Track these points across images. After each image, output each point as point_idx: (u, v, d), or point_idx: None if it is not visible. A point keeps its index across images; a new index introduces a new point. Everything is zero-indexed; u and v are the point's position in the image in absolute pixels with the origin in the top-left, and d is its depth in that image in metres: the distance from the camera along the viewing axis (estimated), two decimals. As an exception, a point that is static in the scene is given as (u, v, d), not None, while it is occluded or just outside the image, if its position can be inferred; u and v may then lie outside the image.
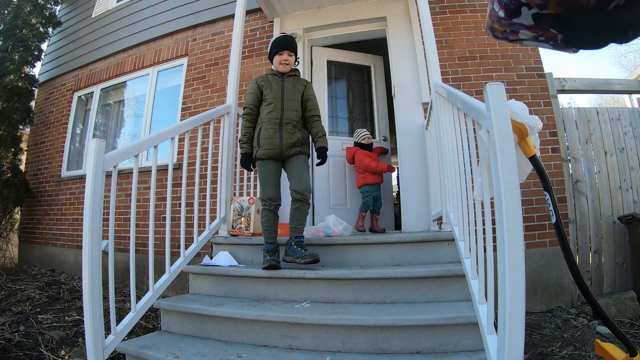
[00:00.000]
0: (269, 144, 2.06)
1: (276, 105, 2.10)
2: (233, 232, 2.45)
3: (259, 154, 2.08)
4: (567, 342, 2.11)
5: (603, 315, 1.10)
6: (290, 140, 2.08)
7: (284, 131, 2.08)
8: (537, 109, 3.00)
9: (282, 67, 2.18)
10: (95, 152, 1.44)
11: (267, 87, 2.15)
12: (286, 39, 2.21)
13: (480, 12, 3.34)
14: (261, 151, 2.07)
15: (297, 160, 2.10)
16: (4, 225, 4.60)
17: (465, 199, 1.57)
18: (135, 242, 1.69)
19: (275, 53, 2.19)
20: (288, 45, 2.19)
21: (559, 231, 1.13)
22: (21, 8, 4.95)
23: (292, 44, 2.21)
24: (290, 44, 2.20)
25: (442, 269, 1.74)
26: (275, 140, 2.06)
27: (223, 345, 1.61)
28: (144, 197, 3.62)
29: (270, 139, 2.06)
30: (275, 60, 2.20)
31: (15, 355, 1.93)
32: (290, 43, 2.20)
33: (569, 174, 2.95)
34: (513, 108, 1.19)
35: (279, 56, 2.18)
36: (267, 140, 2.07)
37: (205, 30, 4.12)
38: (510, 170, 0.99)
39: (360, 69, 3.98)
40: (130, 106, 4.74)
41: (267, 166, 2.09)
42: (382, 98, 3.85)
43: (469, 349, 1.42)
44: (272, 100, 2.11)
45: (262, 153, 2.07)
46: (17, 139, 4.64)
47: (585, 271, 2.79)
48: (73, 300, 2.95)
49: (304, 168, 2.10)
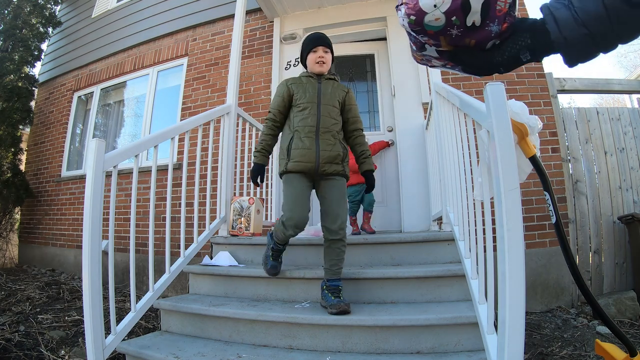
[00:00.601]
0: (303, 155, 1.69)
1: (311, 110, 1.75)
2: (233, 232, 2.45)
3: (290, 167, 1.71)
4: (567, 342, 2.11)
5: (603, 315, 1.10)
6: (329, 153, 1.71)
7: (321, 141, 1.71)
8: (537, 109, 3.00)
9: (318, 67, 1.83)
10: (95, 152, 1.44)
11: (299, 90, 1.80)
12: (319, 35, 1.89)
13: (480, 12, 3.33)
14: (292, 164, 1.71)
15: (335, 187, 1.74)
16: (4, 225, 4.60)
17: (465, 199, 1.57)
18: (135, 242, 1.69)
19: (309, 51, 1.86)
20: (322, 40, 1.85)
21: (559, 231, 1.13)
22: (21, 8, 4.96)
23: (326, 39, 1.87)
24: (324, 39, 1.86)
25: (442, 269, 1.74)
26: (312, 152, 1.69)
27: (223, 345, 1.61)
28: (144, 197, 3.62)
29: (305, 149, 1.70)
30: (310, 60, 1.85)
31: (15, 355, 1.93)
32: (325, 38, 1.87)
33: (569, 174, 2.95)
34: (513, 108, 1.19)
35: (313, 54, 1.83)
36: (301, 151, 1.70)
37: (205, 30, 4.13)
38: (510, 170, 0.99)
39: (362, 59, 3.80)
40: (130, 106, 4.74)
41: (297, 182, 1.72)
42: (386, 85, 3.60)
43: (469, 349, 1.42)
44: (306, 105, 1.76)
45: (294, 166, 1.70)
46: (17, 139, 4.65)
47: (585, 271, 2.79)
48: (73, 300, 2.95)
49: (342, 197, 1.74)
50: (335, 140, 1.75)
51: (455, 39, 0.65)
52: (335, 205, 1.71)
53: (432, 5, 0.60)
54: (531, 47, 0.64)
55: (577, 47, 0.59)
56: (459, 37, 0.65)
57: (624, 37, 0.56)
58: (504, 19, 0.63)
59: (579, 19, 0.56)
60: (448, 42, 0.67)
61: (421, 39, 0.69)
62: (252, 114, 3.38)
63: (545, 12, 0.61)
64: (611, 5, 0.53)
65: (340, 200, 1.73)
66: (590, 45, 0.58)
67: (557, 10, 0.59)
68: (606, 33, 0.55)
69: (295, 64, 3.64)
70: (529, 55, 0.65)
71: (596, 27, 0.55)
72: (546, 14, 0.61)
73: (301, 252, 2.15)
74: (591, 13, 0.55)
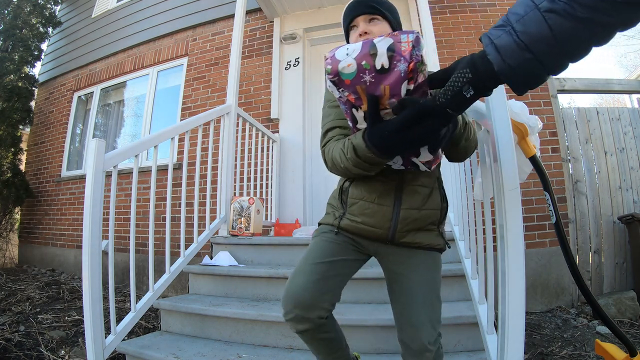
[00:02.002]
0: (369, 214, 0.96)
1: None
2: (233, 232, 2.45)
3: (344, 224, 0.99)
4: (567, 342, 2.11)
5: (603, 315, 1.10)
6: (417, 214, 0.95)
7: (404, 195, 0.95)
8: (537, 109, 3.00)
9: None
10: (95, 152, 1.44)
11: None
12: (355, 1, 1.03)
13: (481, 12, 3.34)
14: (348, 221, 0.99)
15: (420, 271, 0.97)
16: (4, 225, 4.60)
17: (465, 199, 1.57)
18: (135, 242, 1.69)
19: (348, 29, 1.07)
20: (361, 4, 1.01)
21: (559, 231, 1.13)
22: (21, 8, 4.96)
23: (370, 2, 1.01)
24: (364, 3, 1.01)
25: (442, 268, 1.73)
26: (385, 211, 0.95)
27: (223, 345, 1.61)
28: (144, 197, 3.62)
29: (373, 204, 0.96)
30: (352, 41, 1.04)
31: (15, 355, 1.93)
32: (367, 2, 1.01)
33: (569, 174, 2.95)
34: (513, 108, 1.19)
35: (354, 32, 1.03)
36: (364, 206, 0.97)
37: (205, 30, 4.12)
38: (510, 170, 0.99)
39: None
40: (130, 106, 4.74)
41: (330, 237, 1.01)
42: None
43: (469, 349, 1.42)
44: None
45: (350, 225, 0.99)
46: (17, 139, 4.65)
47: (585, 271, 2.79)
48: (73, 300, 2.95)
49: (433, 288, 0.96)
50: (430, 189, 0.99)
51: (370, 86, 0.66)
52: (421, 301, 0.93)
53: (345, 54, 0.65)
54: (473, 81, 0.60)
55: (524, 73, 0.56)
56: (373, 84, 0.66)
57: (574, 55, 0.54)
58: (410, 57, 0.64)
59: (521, 43, 0.54)
60: (365, 91, 0.67)
61: (342, 94, 0.71)
62: (252, 114, 3.38)
63: (486, 41, 0.58)
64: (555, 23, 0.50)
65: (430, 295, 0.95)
66: (538, 69, 0.55)
67: (499, 38, 0.56)
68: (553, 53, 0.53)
69: (295, 64, 3.64)
70: (472, 90, 0.60)
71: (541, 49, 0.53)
72: (487, 44, 0.58)
73: (301, 252, 2.15)
74: (534, 35, 0.52)
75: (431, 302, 0.92)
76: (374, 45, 0.65)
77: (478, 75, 0.59)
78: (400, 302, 0.95)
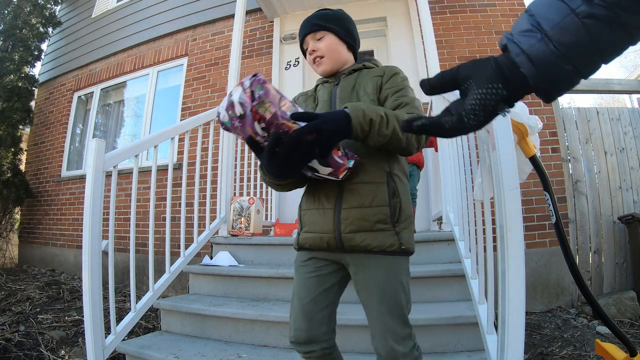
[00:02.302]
0: (315, 220, 0.94)
1: None
2: (233, 232, 2.45)
3: (301, 241, 0.98)
4: (567, 342, 2.11)
5: (603, 315, 1.10)
6: (359, 212, 0.89)
7: (345, 193, 0.90)
8: (537, 109, 3.00)
9: (315, 67, 1.11)
10: (95, 152, 1.44)
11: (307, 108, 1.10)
12: (307, 19, 1.10)
13: (481, 12, 3.34)
14: (303, 235, 0.98)
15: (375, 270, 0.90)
16: (4, 225, 4.60)
17: (465, 199, 1.57)
18: (135, 242, 1.69)
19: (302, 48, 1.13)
20: (307, 25, 1.08)
21: (559, 231, 1.13)
22: (21, 8, 4.96)
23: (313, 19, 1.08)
24: (310, 20, 1.08)
25: (442, 268, 1.74)
26: (328, 213, 0.92)
27: (223, 345, 1.61)
28: (144, 197, 3.62)
29: (319, 210, 0.94)
30: (308, 61, 1.13)
31: (15, 355, 1.93)
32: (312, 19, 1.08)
33: (569, 174, 2.95)
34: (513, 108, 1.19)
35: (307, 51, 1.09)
36: (312, 214, 0.96)
37: (205, 30, 4.13)
38: (510, 170, 0.99)
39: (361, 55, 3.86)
40: (130, 106, 4.74)
41: (304, 270, 0.98)
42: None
43: (469, 349, 1.42)
44: None
45: (303, 239, 0.97)
46: (17, 139, 4.65)
47: (585, 271, 2.79)
48: (73, 300, 2.95)
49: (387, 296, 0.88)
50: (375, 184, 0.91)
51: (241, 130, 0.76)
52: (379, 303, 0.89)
53: (223, 106, 0.75)
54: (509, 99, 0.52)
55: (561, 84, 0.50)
56: (242, 128, 0.75)
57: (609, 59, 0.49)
58: (251, 101, 0.71)
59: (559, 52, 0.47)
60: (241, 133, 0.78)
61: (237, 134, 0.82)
62: (252, 114, 3.37)
63: (516, 51, 0.51)
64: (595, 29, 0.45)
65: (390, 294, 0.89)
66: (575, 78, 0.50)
67: (532, 48, 0.49)
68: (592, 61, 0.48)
69: (295, 64, 3.64)
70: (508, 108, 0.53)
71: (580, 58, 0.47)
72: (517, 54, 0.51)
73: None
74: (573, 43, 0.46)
75: (388, 311, 0.88)
76: (230, 96, 0.74)
77: (513, 92, 0.53)
78: (365, 311, 0.94)
